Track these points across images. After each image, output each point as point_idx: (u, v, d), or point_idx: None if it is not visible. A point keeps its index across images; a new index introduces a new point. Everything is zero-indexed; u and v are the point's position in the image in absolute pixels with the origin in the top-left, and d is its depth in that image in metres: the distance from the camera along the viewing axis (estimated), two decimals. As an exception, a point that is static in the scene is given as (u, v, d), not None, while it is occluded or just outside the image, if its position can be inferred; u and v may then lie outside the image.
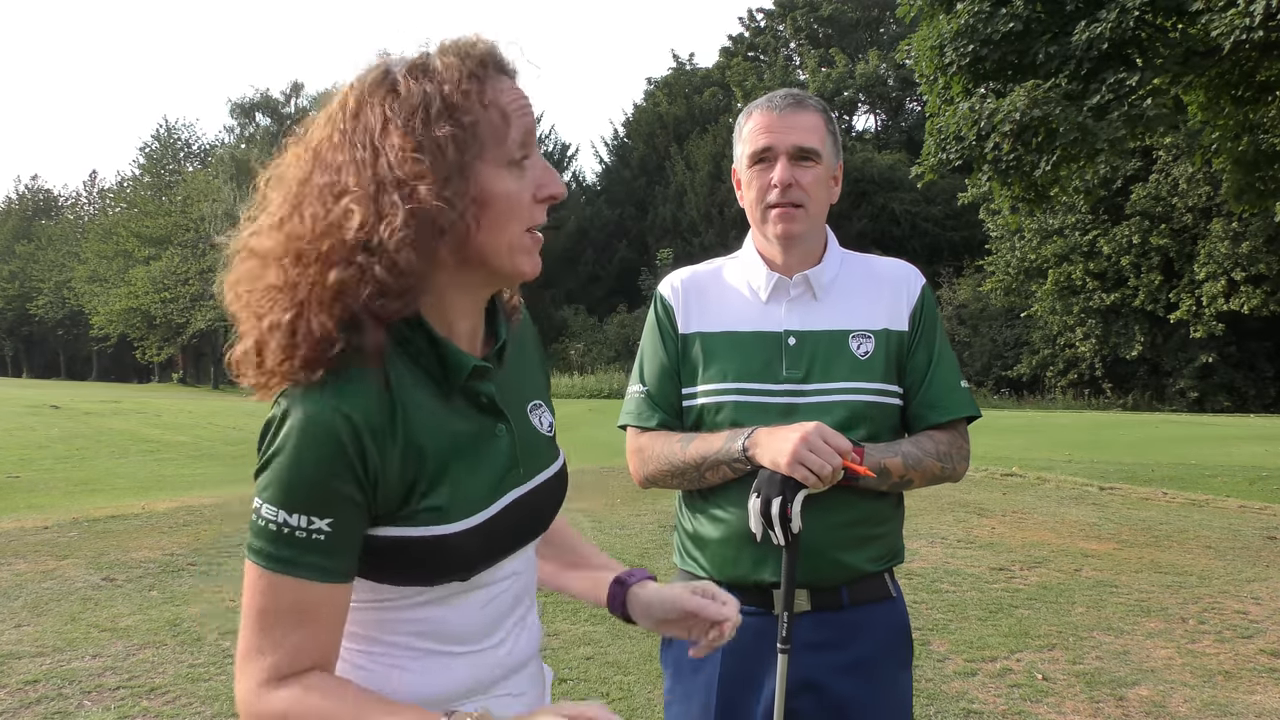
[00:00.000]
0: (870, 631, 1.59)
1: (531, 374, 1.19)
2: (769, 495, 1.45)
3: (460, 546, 1.00)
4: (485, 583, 1.07)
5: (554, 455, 1.17)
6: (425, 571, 1.01)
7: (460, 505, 1.00)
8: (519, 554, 1.12)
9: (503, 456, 1.07)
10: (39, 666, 3.78)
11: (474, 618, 1.07)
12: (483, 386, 1.05)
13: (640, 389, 1.68)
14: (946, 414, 1.60)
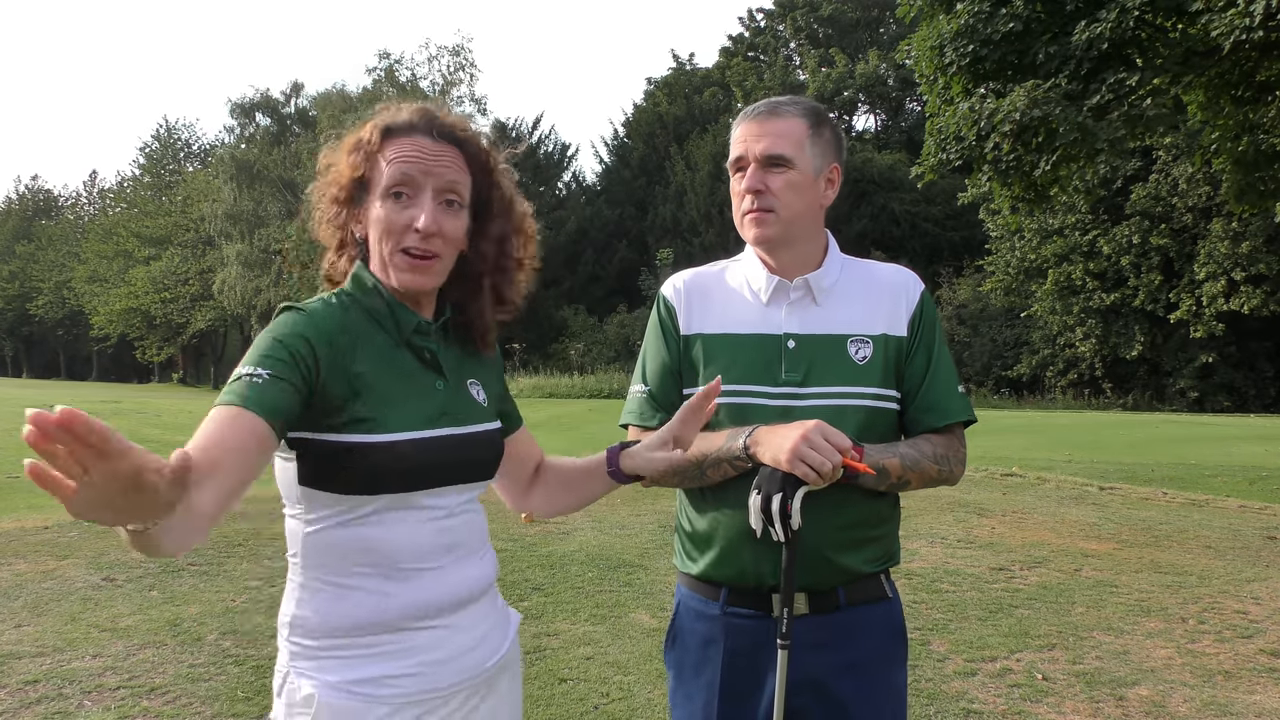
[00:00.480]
0: (868, 632, 1.61)
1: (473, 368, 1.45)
2: (769, 492, 1.47)
3: (395, 452, 1.23)
4: (423, 505, 1.29)
5: (488, 419, 1.42)
6: (365, 479, 1.22)
7: (394, 421, 1.25)
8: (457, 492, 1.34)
9: (437, 401, 1.33)
10: (39, 666, 3.78)
11: (414, 539, 1.28)
12: (426, 343, 1.34)
13: (642, 389, 1.71)
14: (944, 418, 1.62)
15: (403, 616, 1.27)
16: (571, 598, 4.89)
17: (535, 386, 26.79)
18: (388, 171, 1.29)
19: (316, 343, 1.22)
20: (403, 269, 1.30)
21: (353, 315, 1.31)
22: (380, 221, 1.30)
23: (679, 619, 1.72)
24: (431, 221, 1.28)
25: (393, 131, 1.32)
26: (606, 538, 6.31)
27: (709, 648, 1.64)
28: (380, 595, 1.26)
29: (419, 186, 1.30)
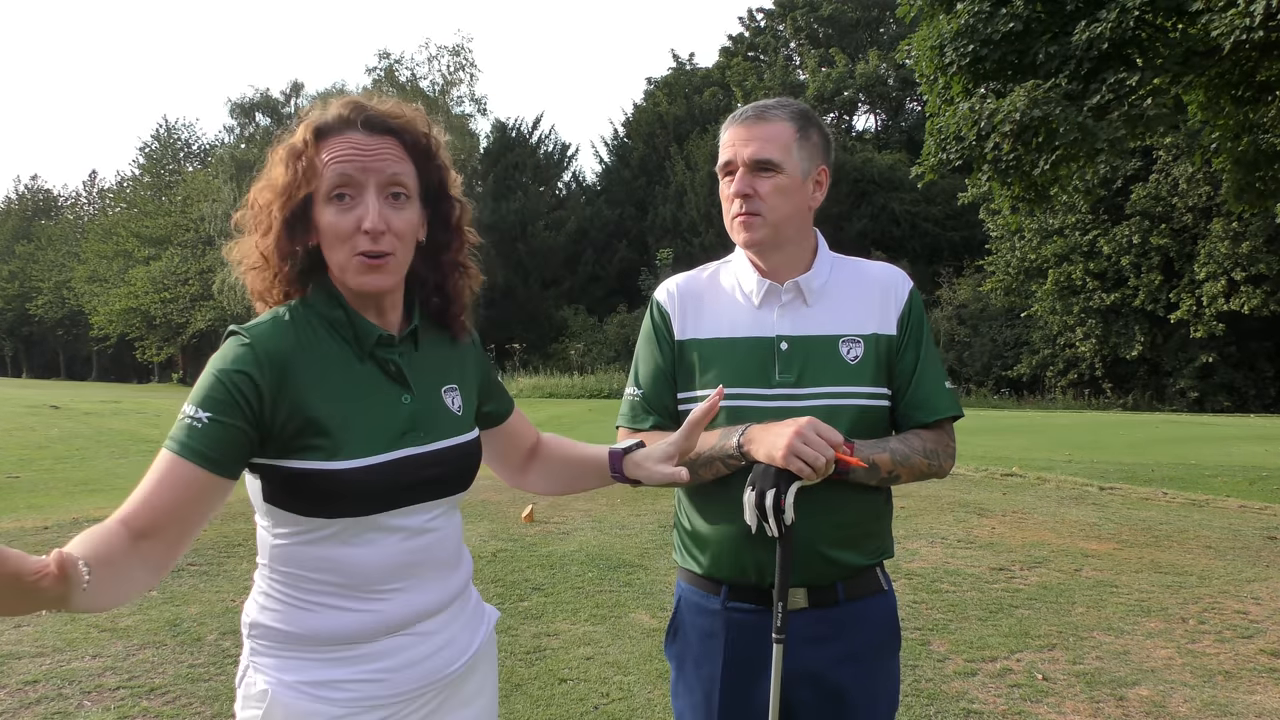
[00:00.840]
0: (865, 624, 1.66)
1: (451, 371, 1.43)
2: (763, 488, 1.50)
3: (349, 481, 1.21)
4: (385, 527, 1.27)
5: (462, 429, 1.39)
6: (322, 503, 1.21)
7: (351, 445, 1.23)
8: (424, 510, 1.31)
9: (402, 418, 1.30)
10: (39, 666, 3.78)
11: (376, 560, 1.26)
12: (390, 354, 1.31)
13: (635, 392, 1.73)
14: (933, 414, 1.66)
15: (365, 632, 1.27)
16: (571, 598, 4.89)
17: (535, 386, 26.78)
18: (327, 174, 1.25)
19: (261, 376, 1.19)
20: (358, 271, 1.26)
21: (309, 330, 1.28)
22: (328, 228, 1.26)
23: (680, 613, 1.74)
24: (378, 220, 1.24)
25: (325, 132, 1.27)
26: (606, 538, 6.31)
27: (710, 641, 1.67)
28: (343, 612, 1.26)
29: (360, 185, 1.25)
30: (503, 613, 4.61)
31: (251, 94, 44.31)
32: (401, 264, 1.30)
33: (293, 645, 1.26)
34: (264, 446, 1.21)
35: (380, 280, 1.27)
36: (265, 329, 1.25)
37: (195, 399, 1.18)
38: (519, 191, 33.91)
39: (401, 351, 1.33)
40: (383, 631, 1.28)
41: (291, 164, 1.26)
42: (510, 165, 34.62)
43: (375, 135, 1.27)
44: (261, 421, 1.19)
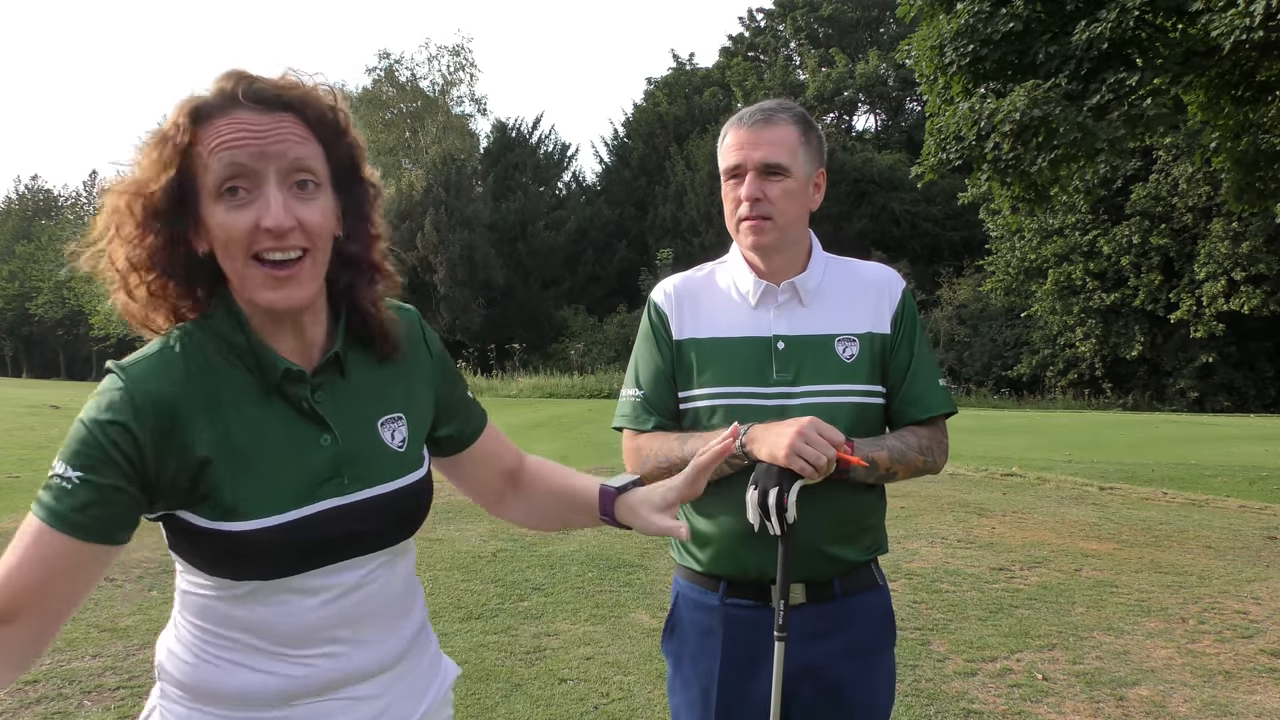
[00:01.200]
0: (862, 619, 1.69)
1: (402, 391, 1.20)
2: (766, 486, 1.52)
3: (256, 545, 1.02)
4: (307, 588, 1.08)
5: (405, 469, 1.16)
6: (225, 565, 1.04)
7: (255, 504, 1.03)
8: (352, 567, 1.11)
9: (320, 465, 1.08)
10: (39, 666, 3.78)
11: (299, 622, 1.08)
12: (301, 392, 1.08)
13: (636, 393, 1.74)
14: (927, 411, 1.69)
15: (287, 697, 1.09)
16: (571, 598, 4.89)
17: (535, 386, 26.76)
18: (213, 164, 1.01)
19: (140, 426, 0.99)
20: (265, 285, 1.03)
21: (203, 360, 1.06)
22: (219, 230, 1.02)
23: (678, 610, 1.76)
24: (282, 214, 1.01)
25: (205, 114, 1.03)
26: (606, 538, 6.31)
27: (708, 637, 1.69)
28: (262, 674, 1.08)
29: (256, 174, 1.02)
30: (503, 613, 4.63)
31: (251, 94, 44.26)
32: (318, 269, 1.07)
33: (199, 700, 1.10)
34: (154, 504, 1.03)
35: (293, 294, 1.04)
36: (146, 367, 1.04)
37: (64, 454, 0.98)
38: (519, 191, 33.89)
39: (319, 384, 1.11)
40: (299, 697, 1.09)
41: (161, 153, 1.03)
42: (510, 165, 34.61)
43: (269, 112, 1.03)
44: (145, 478, 1.00)
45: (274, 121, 1.03)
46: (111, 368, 1.05)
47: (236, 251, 1.03)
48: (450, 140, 35.89)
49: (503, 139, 35.43)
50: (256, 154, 1.01)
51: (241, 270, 1.03)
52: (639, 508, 1.28)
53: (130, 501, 1.00)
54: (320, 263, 1.07)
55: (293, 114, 1.05)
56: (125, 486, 0.99)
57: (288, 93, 1.05)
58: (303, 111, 1.06)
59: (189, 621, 1.11)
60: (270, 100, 1.04)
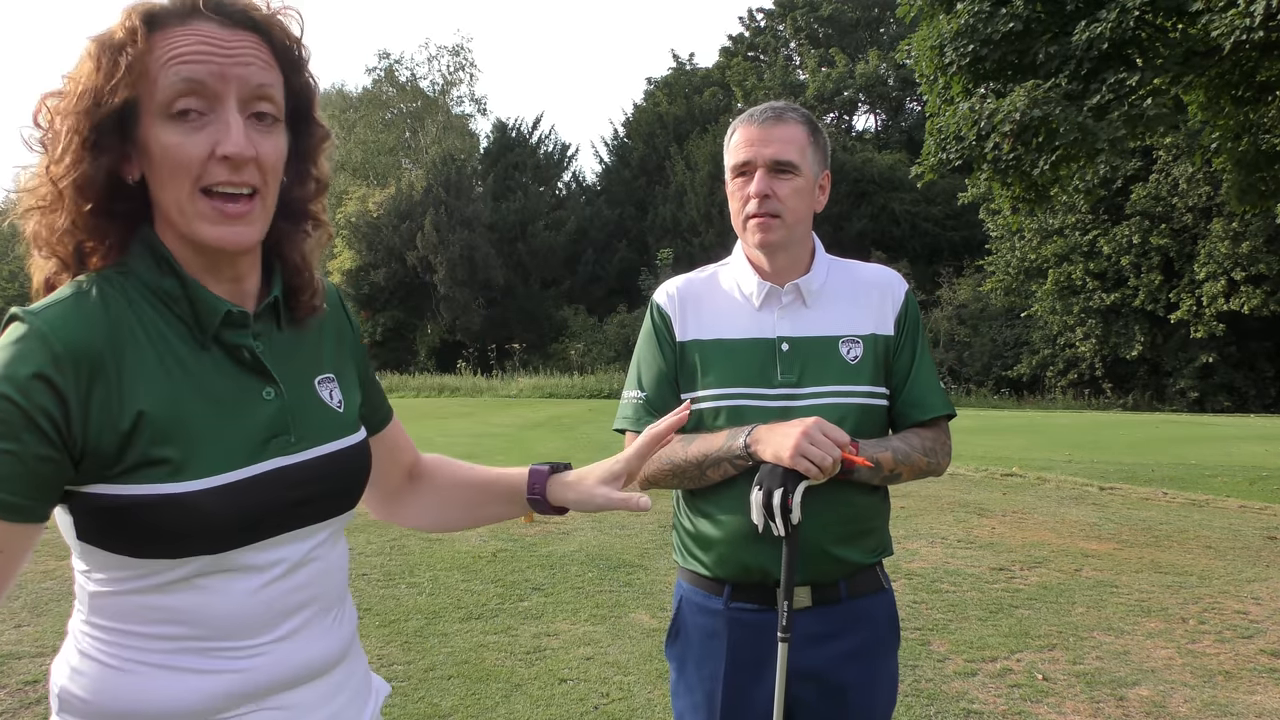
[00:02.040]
0: (867, 622, 1.69)
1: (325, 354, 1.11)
2: (770, 487, 1.51)
3: (201, 508, 0.89)
4: (251, 565, 0.95)
5: (346, 430, 1.07)
6: (164, 539, 0.89)
7: (200, 462, 0.91)
8: (300, 538, 1.00)
9: (266, 420, 0.98)
10: (39, 666, 3.78)
11: (240, 607, 0.95)
12: (242, 339, 0.98)
13: (638, 395, 1.73)
14: (928, 412, 1.70)
15: (210, 704, 0.95)
16: (571, 598, 4.89)
17: (535, 386, 26.76)
18: (164, 79, 0.89)
19: (62, 378, 0.85)
20: (212, 220, 0.92)
21: (126, 308, 0.93)
22: (167, 153, 0.90)
23: (682, 614, 1.75)
24: (244, 141, 0.90)
25: (158, 20, 0.91)
26: (606, 538, 6.31)
27: (712, 641, 1.68)
28: (190, 675, 0.94)
29: (216, 96, 0.90)
30: (503, 613, 4.63)
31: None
32: (268, 211, 0.97)
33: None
34: (79, 472, 0.88)
35: (242, 233, 0.94)
36: (60, 311, 0.89)
37: None
38: (519, 191, 33.89)
39: (258, 332, 1.00)
40: (243, 699, 0.96)
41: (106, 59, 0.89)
42: (510, 165, 34.61)
43: (232, 28, 0.92)
44: (71, 442, 0.86)
45: (237, 38, 0.92)
46: (19, 314, 0.88)
47: (183, 180, 0.91)
48: (450, 140, 35.91)
49: (503, 139, 35.44)
50: (217, 73, 0.90)
51: (185, 202, 0.91)
52: (578, 484, 1.19)
53: (55, 472, 0.86)
54: (270, 205, 0.97)
55: (257, 35, 0.94)
56: (50, 454, 0.85)
57: (254, 11, 0.94)
58: (268, 34, 0.95)
59: (99, 628, 0.95)
60: (234, 15, 0.93)
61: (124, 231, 0.96)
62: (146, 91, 0.90)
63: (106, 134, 0.91)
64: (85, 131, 0.90)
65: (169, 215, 0.94)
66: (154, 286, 0.95)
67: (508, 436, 13.38)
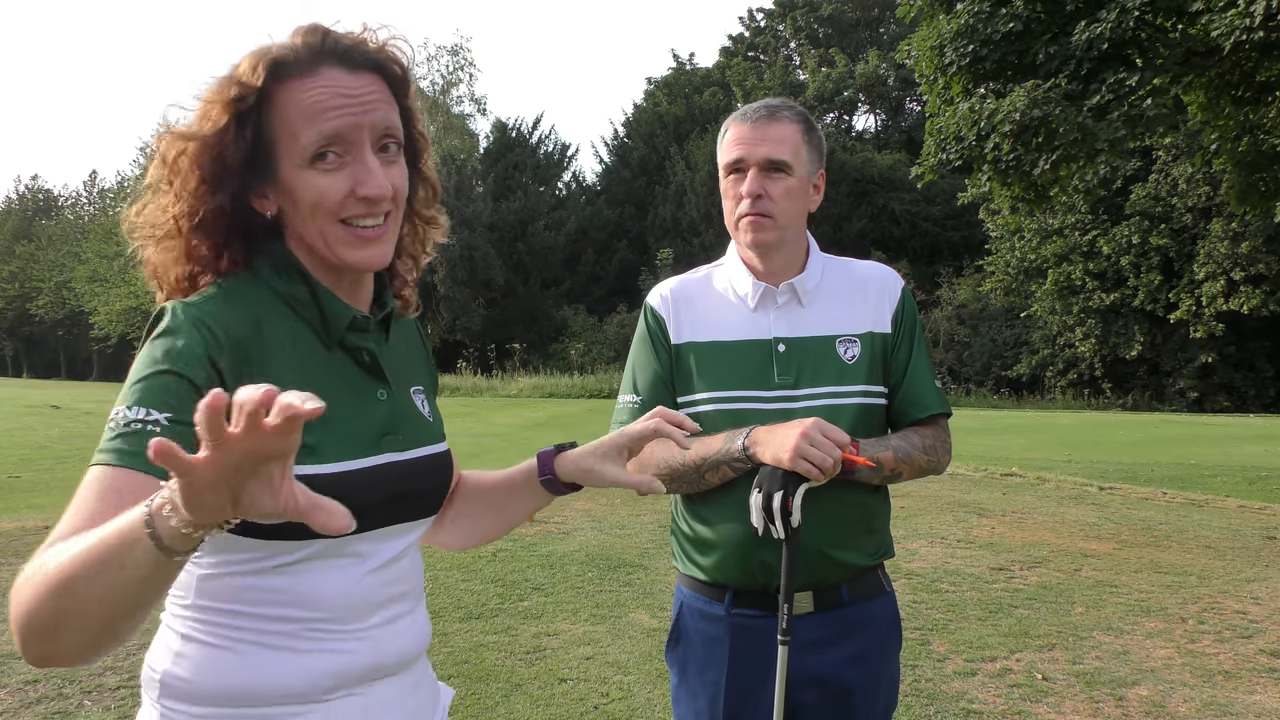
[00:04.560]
0: (869, 625, 1.67)
1: (417, 367, 1.20)
2: (770, 490, 1.50)
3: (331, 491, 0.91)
4: (358, 553, 1.03)
5: (436, 437, 1.16)
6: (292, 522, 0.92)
7: (331, 448, 0.98)
8: (399, 534, 1.08)
9: (380, 418, 1.06)
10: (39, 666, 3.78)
11: (345, 591, 1.02)
12: (364, 341, 1.07)
13: (633, 399, 1.71)
14: (925, 410, 1.68)
15: (312, 685, 1.00)
16: (571, 598, 4.89)
17: (535, 386, 26.77)
18: (305, 131, 0.97)
19: (221, 360, 0.94)
20: (352, 245, 1.01)
21: (266, 308, 1.02)
22: (310, 195, 0.99)
23: (683, 619, 1.73)
24: (380, 183, 0.99)
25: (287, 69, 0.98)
26: (606, 538, 6.31)
27: (714, 647, 1.66)
28: (286, 655, 0.99)
29: (353, 143, 0.99)
30: (503, 613, 4.63)
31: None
32: (397, 228, 1.06)
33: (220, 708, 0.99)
34: None
35: (376, 253, 1.02)
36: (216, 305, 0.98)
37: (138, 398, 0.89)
38: (519, 191, 33.89)
39: (375, 339, 1.10)
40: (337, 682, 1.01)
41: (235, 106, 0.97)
42: (510, 165, 34.60)
43: (355, 72, 0.99)
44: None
45: (362, 84, 1.00)
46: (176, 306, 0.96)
47: (324, 216, 1.00)
48: (450, 140, 35.87)
49: (503, 139, 35.43)
50: (353, 124, 0.98)
51: (327, 232, 1.01)
52: (584, 459, 1.21)
53: None
54: (398, 222, 1.06)
55: (377, 74, 1.02)
56: None
57: (373, 53, 1.02)
58: (385, 71, 1.03)
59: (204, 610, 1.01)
60: (356, 60, 1.00)
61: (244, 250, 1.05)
62: (282, 137, 0.98)
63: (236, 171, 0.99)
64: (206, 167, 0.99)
65: (309, 240, 1.02)
66: (283, 293, 1.04)
67: (508, 436, 13.38)
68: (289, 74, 0.98)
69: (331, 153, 0.98)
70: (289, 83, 0.98)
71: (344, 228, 1.01)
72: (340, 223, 1.00)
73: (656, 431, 1.20)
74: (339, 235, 1.01)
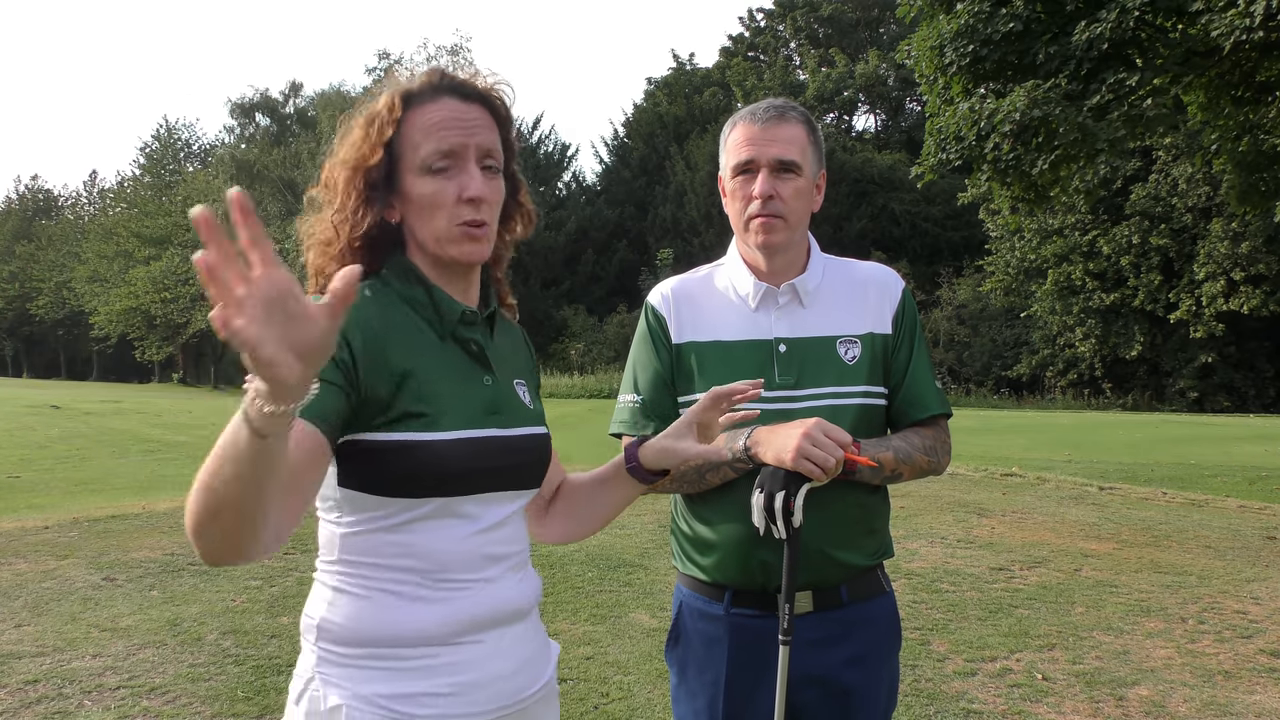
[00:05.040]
0: (869, 625, 1.67)
1: (520, 366, 1.38)
2: (772, 490, 1.50)
3: (442, 455, 1.16)
4: (468, 514, 1.21)
5: (536, 421, 1.34)
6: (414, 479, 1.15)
7: (444, 419, 1.18)
8: (503, 500, 1.25)
9: (486, 398, 1.25)
10: (39, 666, 3.78)
11: (457, 548, 1.20)
12: (472, 333, 1.27)
13: (634, 398, 1.71)
14: (925, 411, 1.68)
15: (440, 629, 1.19)
16: (571, 598, 4.89)
17: (535, 386, 26.80)
18: (425, 145, 1.20)
19: (352, 338, 1.14)
20: (459, 242, 1.22)
21: (389, 305, 1.23)
22: (427, 198, 1.21)
23: (682, 619, 1.73)
24: (484, 187, 1.22)
25: (415, 99, 1.22)
26: (606, 538, 6.31)
27: (713, 647, 1.66)
28: (418, 604, 1.18)
29: (461, 157, 1.21)
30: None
31: (251, 94, 44.45)
32: (494, 237, 1.27)
33: (367, 648, 1.17)
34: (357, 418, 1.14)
35: (480, 250, 1.24)
36: None
37: None
38: (519, 191, 33.93)
39: (481, 333, 1.30)
40: (461, 628, 1.20)
41: (374, 132, 1.21)
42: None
43: (468, 102, 1.23)
44: (355, 384, 1.13)
45: (472, 111, 1.23)
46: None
47: (440, 215, 1.21)
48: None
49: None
50: (462, 143, 1.21)
51: (440, 231, 1.22)
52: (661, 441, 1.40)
53: (342, 397, 1.11)
54: (495, 232, 1.27)
55: (484, 106, 1.25)
56: (341, 384, 1.11)
57: (481, 88, 1.26)
58: (490, 104, 1.26)
59: (348, 564, 1.19)
60: (468, 92, 1.24)
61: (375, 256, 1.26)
62: (406, 151, 1.22)
63: (379, 186, 1.23)
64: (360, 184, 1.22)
65: (424, 242, 1.24)
66: (404, 294, 1.24)
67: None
68: (415, 102, 1.22)
69: (444, 163, 1.21)
70: (415, 109, 1.22)
71: (454, 227, 1.22)
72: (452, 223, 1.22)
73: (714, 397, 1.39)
74: (451, 235, 1.22)
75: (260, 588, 5.02)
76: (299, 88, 44.59)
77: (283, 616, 4.48)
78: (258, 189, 39.49)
